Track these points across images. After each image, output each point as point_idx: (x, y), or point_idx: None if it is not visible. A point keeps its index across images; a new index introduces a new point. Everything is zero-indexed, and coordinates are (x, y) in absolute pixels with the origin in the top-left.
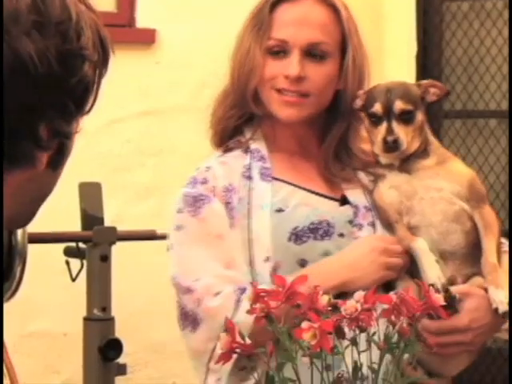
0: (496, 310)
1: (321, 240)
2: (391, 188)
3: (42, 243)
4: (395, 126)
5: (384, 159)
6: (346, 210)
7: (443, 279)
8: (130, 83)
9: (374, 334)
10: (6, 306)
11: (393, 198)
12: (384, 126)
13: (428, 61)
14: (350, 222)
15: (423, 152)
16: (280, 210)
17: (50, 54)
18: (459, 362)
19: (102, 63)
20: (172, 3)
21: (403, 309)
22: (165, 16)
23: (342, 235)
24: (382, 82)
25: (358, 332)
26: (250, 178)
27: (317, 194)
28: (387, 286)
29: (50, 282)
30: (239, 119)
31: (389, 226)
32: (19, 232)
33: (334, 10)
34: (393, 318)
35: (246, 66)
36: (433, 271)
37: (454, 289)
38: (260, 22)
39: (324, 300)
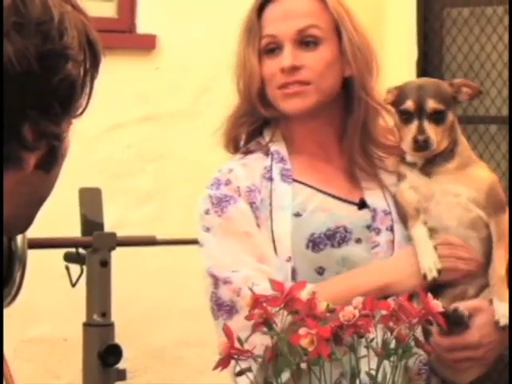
0: (497, 322)
1: (338, 247)
2: (410, 188)
3: (41, 248)
4: (426, 125)
5: (410, 157)
6: (365, 215)
7: (438, 265)
8: (130, 89)
9: (373, 340)
10: (6, 311)
11: (412, 198)
12: (415, 124)
13: (428, 66)
14: (368, 226)
15: (449, 153)
16: (298, 215)
17: (30, 54)
18: (472, 372)
19: (92, 65)
20: (172, 9)
21: (401, 315)
22: (165, 22)
23: (359, 241)
24: (414, 80)
25: (356, 338)
26: (270, 179)
27: (336, 197)
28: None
29: (49, 287)
30: (252, 125)
31: (407, 223)
32: (19, 237)
33: (321, 0)
34: (391, 324)
35: (246, 72)
36: (426, 260)
37: (464, 305)
38: (251, 27)
39: (322, 306)
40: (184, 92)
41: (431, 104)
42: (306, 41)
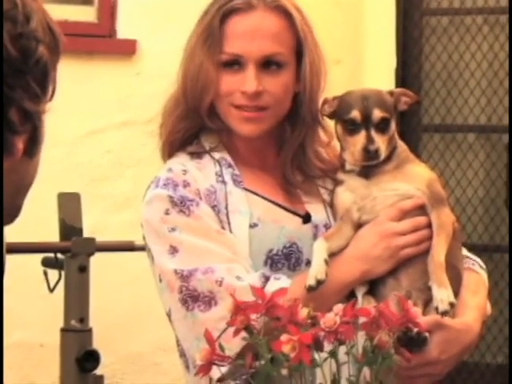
0: (436, 308)
1: (293, 270)
2: (347, 191)
3: (19, 253)
4: (374, 134)
5: (349, 165)
6: (308, 230)
7: (322, 275)
8: (110, 94)
9: (353, 346)
10: None
11: (345, 198)
12: (363, 134)
13: (407, 74)
14: (312, 244)
15: (387, 157)
16: (252, 226)
17: (4, 39)
18: None
19: (54, 46)
20: (153, 14)
21: (382, 322)
22: (146, 27)
23: (309, 263)
24: (354, 90)
25: (337, 345)
26: (224, 182)
27: (282, 207)
28: None
29: (27, 292)
30: (190, 130)
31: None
32: None
33: (287, 15)
34: (371, 331)
35: (199, 81)
36: (312, 270)
37: (424, 319)
38: (211, 37)
39: (304, 313)
40: (164, 98)
41: (378, 113)
42: (269, 63)
